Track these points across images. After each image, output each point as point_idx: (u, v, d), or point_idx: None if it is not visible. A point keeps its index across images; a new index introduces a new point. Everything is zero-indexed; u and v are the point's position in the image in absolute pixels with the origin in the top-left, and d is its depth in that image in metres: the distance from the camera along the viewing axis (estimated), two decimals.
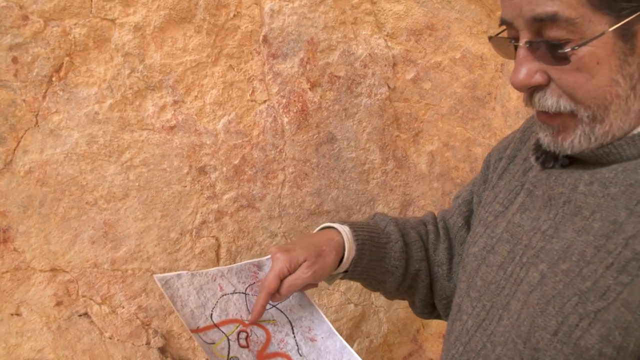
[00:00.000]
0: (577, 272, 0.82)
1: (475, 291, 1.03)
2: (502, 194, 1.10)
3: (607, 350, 0.76)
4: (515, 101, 1.76)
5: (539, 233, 0.95)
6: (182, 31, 1.30)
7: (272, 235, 1.46)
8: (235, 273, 1.08)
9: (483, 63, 1.68)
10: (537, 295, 0.86)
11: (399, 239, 1.26)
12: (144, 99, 1.29)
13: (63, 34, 1.19)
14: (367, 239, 1.23)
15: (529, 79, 0.84)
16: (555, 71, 0.83)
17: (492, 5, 1.64)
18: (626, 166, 0.85)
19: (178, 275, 1.02)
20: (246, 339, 1.04)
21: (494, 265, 1.01)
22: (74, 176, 1.25)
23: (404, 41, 1.55)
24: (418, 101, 1.60)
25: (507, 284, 0.96)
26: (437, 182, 1.67)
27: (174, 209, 1.35)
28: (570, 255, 0.85)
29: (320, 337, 1.10)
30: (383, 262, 1.24)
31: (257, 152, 1.41)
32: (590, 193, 0.87)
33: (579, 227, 0.87)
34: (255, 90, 1.39)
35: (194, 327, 1.00)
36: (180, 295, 1.02)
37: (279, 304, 1.11)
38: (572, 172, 0.92)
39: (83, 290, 1.29)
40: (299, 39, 1.41)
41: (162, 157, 1.32)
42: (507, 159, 1.15)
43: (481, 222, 1.12)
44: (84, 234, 1.28)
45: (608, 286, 0.77)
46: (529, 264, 0.92)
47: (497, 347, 0.93)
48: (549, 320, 0.82)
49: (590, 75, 0.82)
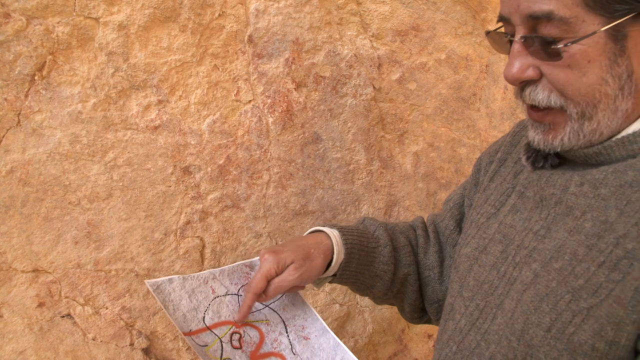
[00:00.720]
0: (569, 271, 0.84)
1: (468, 291, 1.04)
2: (493, 196, 1.12)
3: (599, 345, 0.77)
4: (499, 102, 1.77)
5: (531, 233, 0.96)
6: (167, 30, 1.29)
7: (257, 236, 1.46)
8: (228, 275, 1.08)
9: (468, 64, 1.69)
10: (531, 294, 0.88)
11: (388, 243, 1.26)
12: (128, 98, 1.28)
13: (46, 32, 1.18)
14: (356, 243, 1.23)
15: (521, 72, 0.86)
16: (547, 67, 0.85)
17: (477, 7, 1.65)
18: (616, 167, 0.86)
19: (170, 280, 1.02)
20: (239, 340, 1.04)
21: (487, 265, 1.02)
22: (57, 176, 1.24)
23: (390, 42, 1.55)
24: (403, 102, 1.60)
25: (500, 283, 0.97)
26: (422, 183, 1.67)
27: (158, 209, 1.34)
28: (562, 254, 0.87)
29: (313, 335, 1.10)
30: (372, 266, 1.25)
31: (242, 152, 1.41)
32: (581, 194, 0.89)
33: (570, 227, 0.88)
34: (240, 90, 1.39)
35: (187, 331, 1.00)
36: (172, 299, 1.01)
37: (272, 304, 1.11)
38: (562, 174, 0.94)
39: (66, 291, 1.28)
40: (285, 39, 1.41)
41: (146, 157, 1.31)
42: (498, 162, 1.17)
43: (473, 224, 1.13)
44: (66, 235, 1.27)
45: (600, 283, 0.79)
46: (522, 264, 0.94)
47: (491, 345, 0.94)
48: (543, 317, 0.84)
49: (581, 73, 0.84)
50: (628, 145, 0.87)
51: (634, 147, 0.87)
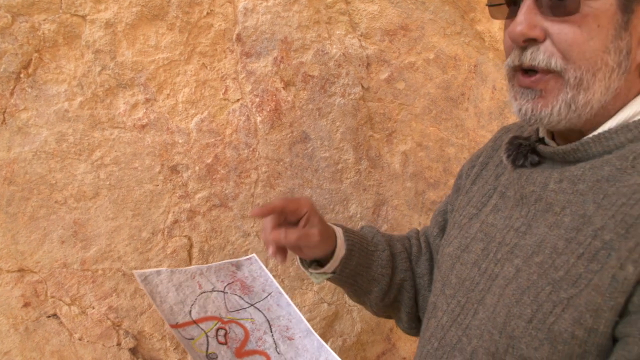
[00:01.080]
0: (550, 264, 0.86)
1: (450, 288, 1.06)
2: (475, 198, 1.14)
3: (578, 333, 0.79)
4: (488, 102, 1.77)
5: (512, 230, 0.98)
6: (155, 28, 1.28)
7: (245, 235, 1.46)
8: (214, 272, 1.09)
9: (456, 64, 1.69)
10: (513, 287, 0.89)
11: (386, 248, 1.28)
12: (115, 96, 1.27)
13: (32, 29, 1.17)
14: (356, 242, 1.24)
15: (530, 29, 0.86)
16: (556, 26, 0.86)
17: (465, 6, 1.65)
18: (593, 163, 0.89)
19: (157, 272, 1.03)
20: (225, 335, 1.05)
21: (469, 263, 1.04)
22: (43, 175, 1.23)
23: (378, 41, 1.55)
24: (392, 101, 1.60)
25: (481, 279, 0.99)
26: (410, 182, 1.67)
27: (146, 208, 1.34)
28: (543, 248, 0.89)
29: (297, 336, 1.10)
30: (370, 269, 1.26)
31: (230, 151, 1.40)
32: (560, 190, 0.91)
33: (550, 222, 0.91)
34: (228, 89, 1.38)
35: (173, 323, 1.01)
36: (160, 291, 1.03)
37: (257, 303, 1.12)
38: (542, 172, 0.97)
39: (52, 290, 1.27)
40: (273, 38, 1.41)
41: (134, 156, 1.30)
42: (480, 165, 1.20)
43: (455, 225, 1.15)
44: (53, 234, 1.26)
45: (579, 274, 0.81)
46: (503, 260, 0.96)
47: (472, 339, 0.96)
48: (524, 309, 0.86)
49: (589, 36, 0.86)
50: (604, 141, 0.89)
51: (609, 143, 0.89)
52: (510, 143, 1.06)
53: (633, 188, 0.82)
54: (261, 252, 1.48)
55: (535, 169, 0.99)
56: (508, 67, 0.94)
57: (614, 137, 0.89)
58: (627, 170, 0.85)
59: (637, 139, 0.88)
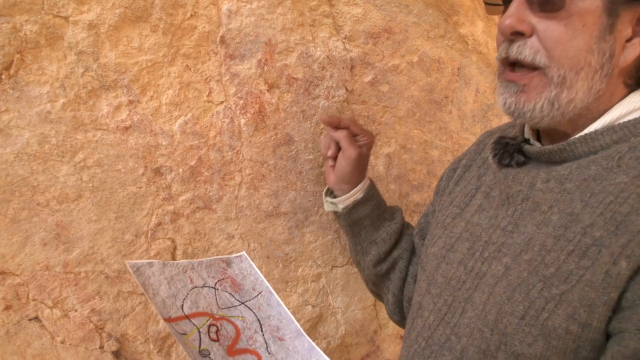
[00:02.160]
0: (539, 261, 0.88)
1: (436, 288, 1.07)
2: (458, 198, 1.17)
3: (572, 328, 0.81)
4: (471, 105, 1.79)
5: (499, 229, 1.01)
6: (138, 30, 1.28)
7: (229, 237, 1.46)
8: (205, 267, 1.10)
9: (440, 67, 1.70)
10: (503, 285, 0.92)
11: (399, 222, 1.40)
12: (98, 98, 1.26)
13: (13, 30, 1.17)
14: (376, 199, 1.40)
15: (518, 22, 0.90)
16: (543, 22, 0.90)
17: (449, 10, 1.66)
18: (579, 163, 0.92)
19: (149, 264, 1.04)
20: (216, 332, 1.06)
21: (454, 262, 1.06)
22: (25, 177, 1.22)
23: (362, 44, 1.56)
24: (375, 104, 1.61)
25: (468, 278, 1.01)
26: (394, 184, 1.68)
27: (129, 211, 1.33)
28: (532, 246, 0.91)
29: (288, 337, 1.11)
30: (377, 231, 1.38)
31: (214, 153, 1.40)
32: (548, 189, 0.94)
33: (538, 221, 0.93)
34: (212, 91, 1.38)
35: (166, 317, 1.03)
36: (152, 283, 1.04)
37: (247, 302, 1.12)
38: (528, 171, 0.99)
39: (34, 293, 1.26)
40: (257, 40, 1.41)
41: (117, 158, 1.30)
42: (462, 168, 1.24)
43: (439, 225, 1.18)
44: (34, 236, 1.25)
45: (570, 270, 0.83)
46: (491, 259, 0.98)
47: (462, 338, 0.97)
48: (516, 306, 0.88)
49: (574, 35, 0.89)
50: (590, 142, 0.93)
51: (595, 144, 0.92)
52: (496, 143, 1.09)
53: (620, 187, 0.85)
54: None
55: (521, 168, 1.02)
56: (497, 60, 0.97)
57: (599, 138, 0.92)
58: (613, 170, 0.88)
59: (621, 140, 0.91)
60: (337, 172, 1.37)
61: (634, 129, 0.90)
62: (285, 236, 1.52)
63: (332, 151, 1.37)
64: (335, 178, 1.38)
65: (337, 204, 1.40)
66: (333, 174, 1.39)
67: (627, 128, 0.91)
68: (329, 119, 1.36)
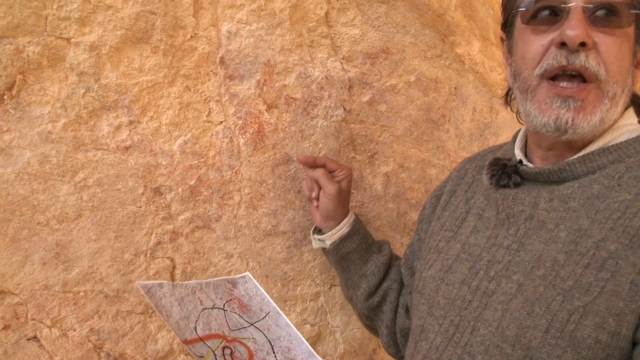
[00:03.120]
0: (554, 275, 0.91)
1: (439, 309, 1.08)
2: (448, 222, 1.20)
3: (602, 337, 0.84)
4: (468, 124, 1.80)
5: (502, 248, 1.03)
6: (139, 51, 1.29)
7: (228, 256, 1.46)
8: (213, 288, 1.10)
9: (437, 86, 1.72)
10: (520, 301, 0.93)
11: (387, 254, 1.43)
12: (99, 118, 1.28)
13: (16, 51, 1.18)
14: (362, 232, 1.43)
15: (586, 35, 0.92)
16: (604, 38, 0.93)
17: (445, 30, 1.68)
18: (581, 182, 0.96)
19: (159, 284, 1.05)
20: (231, 354, 1.07)
21: (455, 282, 1.07)
22: (25, 196, 1.23)
23: (360, 64, 1.58)
24: (373, 123, 1.62)
25: (474, 297, 1.02)
26: (392, 203, 1.69)
27: (129, 230, 1.34)
28: (543, 262, 0.93)
29: (299, 357, 1.10)
30: (366, 264, 1.41)
31: (213, 172, 1.41)
32: (552, 209, 0.97)
33: (545, 238, 0.96)
34: (211, 111, 1.39)
35: (182, 339, 1.05)
36: (164, 305, 1.04)
37: (256, 322, 1.12)
38: (528, 192, 1.03)
39: (32, 313, 1.26)
40: (256, 61, 1.42)
41: (117, 178, 1.31)
42: (448, 193, 1.28)
43: (431, 250, 1.20)
44: (34, 255, 1.25)
45: (590, 283, 0.86)
46: (499, 277, 0.99)
47: (476, 356, 0.98)
48: (539, 320, 0.89)
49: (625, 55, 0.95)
50: (588, 162, 0.97)
51: (593, 164, 0.97)
52: (492, 164, 1.11)
53: (625, 203, 0.89)
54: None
55: (519, 189, 1.05)
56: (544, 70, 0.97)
57: (597, 159, 0.97)
58: (614, 188, 0.92)
59: (617, 161, 0.96)
60: (321, 210, 1.41)
61: (627, 150, 0.96)
62: (284, 255, 1.53)
63: (315, 192, 1.42)
64: (321, 216, 1.42)
65: (324, 240, 1.43)
66: (318, 213, 1.43)
67: (621, 149, 0.96)
68: (305, 159, 1.41)
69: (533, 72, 0.98)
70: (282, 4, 1.43)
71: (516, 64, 1.04)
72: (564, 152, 1.02)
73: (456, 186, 1.26)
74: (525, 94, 1.00)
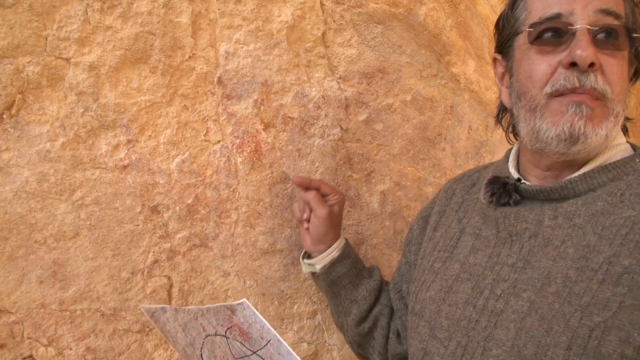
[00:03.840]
0: (567, 292, 0.91)
1: (443, 331, 1.06)
2: (441, 242, 1.19)
3: (628, 352, 0.84)
4: (464, 142, 1.82)
5: (506, 266, 1.02)
6: (137, 71, 1.31)
7: (225, 275, 1.46)
8: (213, 314, 1.09)
9: (433, 105, 1.73)
10: (535, 319, 0.93)
11: (377, 280, 1.43)
12: (97, 137, 1.29)
13: (16, 71, 1.19)
14: (352, 257, 1.42)
15: (595, 56, 0.95)
16: (608, 59, 0.97)
17: (441, 50, 1.70)
18: (585, 200, 0.98)
19: (163, 309, 1.04)
20: None
21: (458, 303, 1.06)
22: (23, 215, 1.23)
23: (356, 84, 1.59)
24: (370, 142, 1.63)
25: (481, 317, 1.01)
26: (389, 221, 1.70)
27: (126, 248, 1.34)
28: (553, 279, 0.94)
29: None
30: (356, 290, 1.40)
31: (211, 191, 1.42)
32: (557, 226, 0.98)
33: (552, 255, 0.96)
34: (209, 130, 1.40)
35: None
36: (169, 330, 1.04)
37: (259, 350, 1.12)
38: (530, 210, 1.03)
39: (29, 331, 1.26)
40: (254, 81, 1.44)
41: (115, 196, 1.31)
42: (437, 214, 1.29)
43: (426, 271, 1.19)
44: (31, 274, 1.26)
45: (607, 298, 0.87)
46: (507, 295, 0.99)
47: None
48: (559, 337, 0.89)
49: (625, 75, 1.00)
50: (589, 180, 0.99)
51: (594, 182, 0.99)
52: (492, 183, 1.11)
53: (631, 219, 0.91)
54: (241, 292, 1.48)
55: (520, 207, 1.06)
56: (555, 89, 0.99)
57: (597, 177, 0.99)
58: (617, 205, 0.94)
59: (616, 178, 0.98)
60: (312, 233, 1.41)
61: (624, 168, 0.99)
62: (281, 273, 1.53)
63: (307, 214, 1.42)
64: (311, 240, 1.42)
65: (314, 264, 1.42)
66: (308, 237, 1.42)
67: (619, 167, 0.99)
68: (300, 180, 1.41)
69: (541, 91, 1.00)
70: (279, 24, 1.44)
71: (520, 84, 1.06)
72: (563, 171, 1.05)
73: (445, 206, 1.26)
74: (534, 112, 1.02)
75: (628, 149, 1.05)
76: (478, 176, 1.24)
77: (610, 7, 0.97)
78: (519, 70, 1.06)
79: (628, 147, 1.05)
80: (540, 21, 1.01)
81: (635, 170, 0.99)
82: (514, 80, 1.08)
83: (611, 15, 0.97)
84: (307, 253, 1.47)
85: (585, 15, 0.97)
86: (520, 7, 1.07)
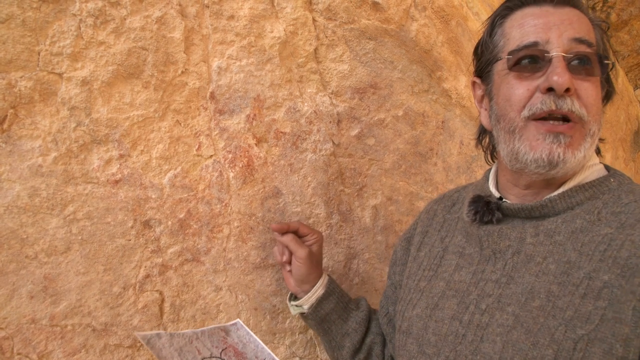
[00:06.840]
0: (551, 306, 0.95)
1: (431, 347, 1.09)
2: (425, 262, 1.24)
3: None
4: (456, 156, 1.83)
5: (490, 282, 1.06)
6: (130, 86, 1.31)
7: (217, 289, 1.46)
8: (208, 336, 1.10)
9: (425, 120, 1.74)
10: (520, 332, 0.96)
11: (365, 310, 1.45)
12: (89, 152, 1.29)
13: (8, 86, 1.19)
14: (337, 292, 1.44)
15: (571, 81, 1.01)
16: (582, 84, 1.02)
17: (432, 66, 1.72)
18: (564, 217, 1.02)
19: (158, 335, 1.04)
20: None
21: (445, 319, 1.09)
22: (14, 229, 1.23)
23: (348, 99, 1.60)
24: (362, 157, 1.64)
25: (467, 331, 1.04)
26: (380, 236, 1.70)
27: (117, 263, 1.34)
28: (537, 294, 0.97)
29: None
30: (346, 323, 1.42)
31: (203, 206, 1.42)
32: (538, 243, 1.02)
33: (535, 271, 1.00)
34: (201, 145, 1.41)
35: None
36: (165, 356, 1.04)
37: None
38: (513, 227, 1.08)
39: (19, 347, 1.26)
40: (246, 96, 1.45)
41: (107, 211, 1.31)
42: (420, 234, 1.32)
43: (412, 290, 1.23)
44: (22, 289, 1.25)
45: (589, 312, 0.90)
46: (492, 309, 1.02)
47: None
48: (545, 350, 0.92)
49: (599, 98, 1.05)
50: (568, 199, 1.04)
51: (572, 200, 1.04)
52: (475, 201, 1.15)
53: (608, 236, 0.96)
54: (233, 306, 1.48)
55: (502, 225, 1.10)
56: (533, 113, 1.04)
57: (575, 196, 1.04)
58: (595, 223, 0.99)
59: (593, 197, 1.03)
60: (295, 274, 1.42)
61: (600, 188, 1.04)
62: (273, 288, 1.53)
63: (287, 257, 1.44)
64: (295, 281, 1.43)
65: (302, 305, 1.43)
66: (292, 278, 1.44)
67: (595, 187, 1.05)
68: (279, 226, 1.43)
69: (519, 114, 1.05)
70: (272, 40, 1.46)
71: (499, 107, 1.10)
72: (542, 190, 1.10)
73: (427, 227, 1.30)
74: (513, 134, 1.06)
75: (602, 170, 1.10)
76: (458, 196, 1.30)
77: (583, 36, 1.03)
78: (499, 94, 1.11)
79: (602, 168, 1.11)
80: (518, 48, 1.06)
81: (610, 190, 1.04)
82: (494, 103, 1.13)
83: (584, 44, 1.02)
84: (292, 295, 1.48)
85: (561, 44, 1.02)
86: (498, 34, 1.12)
